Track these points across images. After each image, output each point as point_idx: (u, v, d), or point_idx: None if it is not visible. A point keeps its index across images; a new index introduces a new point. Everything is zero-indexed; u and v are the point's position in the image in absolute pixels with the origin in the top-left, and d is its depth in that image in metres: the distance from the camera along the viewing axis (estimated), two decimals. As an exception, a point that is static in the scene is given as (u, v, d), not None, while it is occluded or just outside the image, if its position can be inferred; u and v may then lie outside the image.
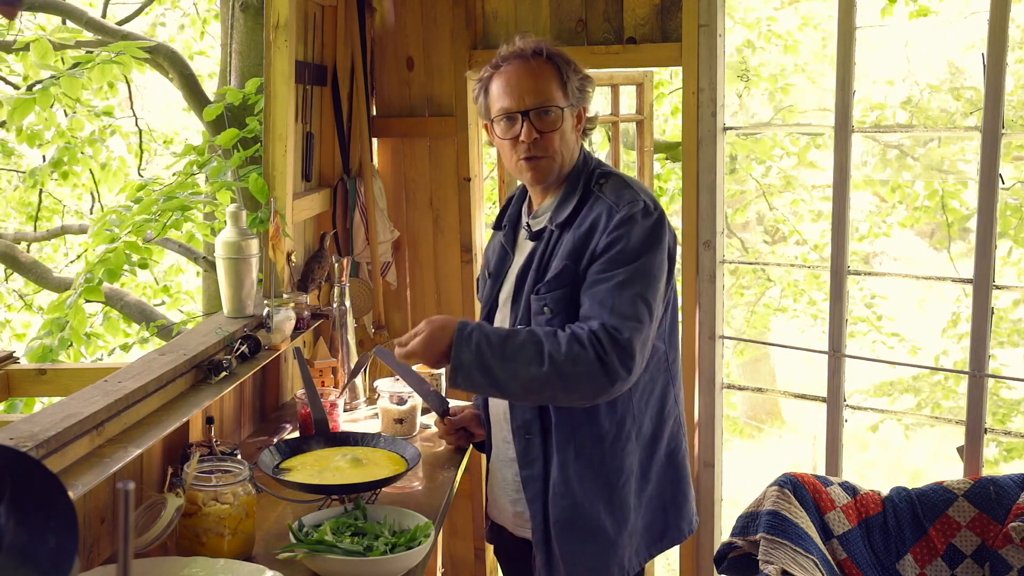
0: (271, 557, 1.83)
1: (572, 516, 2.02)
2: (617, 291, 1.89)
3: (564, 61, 2.03)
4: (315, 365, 2.73)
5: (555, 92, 2.00)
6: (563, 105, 2.01)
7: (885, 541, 2.57)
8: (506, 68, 2.02)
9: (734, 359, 7.58)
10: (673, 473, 2.13)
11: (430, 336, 1.91)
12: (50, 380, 2.70)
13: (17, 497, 1.11)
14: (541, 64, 2.01)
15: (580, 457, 2.01)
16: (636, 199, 1.97)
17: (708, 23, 2.90)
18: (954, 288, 6.87)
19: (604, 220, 1.95)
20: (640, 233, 1.93)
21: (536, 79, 2.00)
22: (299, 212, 2.90)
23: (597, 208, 1.98)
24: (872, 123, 6.48)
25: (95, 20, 5.23)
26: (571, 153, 2.05)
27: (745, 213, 7.43)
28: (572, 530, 2.02)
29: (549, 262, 2.01)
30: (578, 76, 2.05)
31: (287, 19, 2.69)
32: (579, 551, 2.02)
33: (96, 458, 1.72)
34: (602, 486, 2.02)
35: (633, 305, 1.88)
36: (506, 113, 2.00)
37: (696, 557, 3.16)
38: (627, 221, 1.93)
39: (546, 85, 1.99)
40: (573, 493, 2.01)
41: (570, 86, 2.02)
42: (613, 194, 1.99)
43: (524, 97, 1.98)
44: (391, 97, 3.27)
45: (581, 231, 1.97)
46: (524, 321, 2.02)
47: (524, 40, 2.04)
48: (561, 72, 2.02)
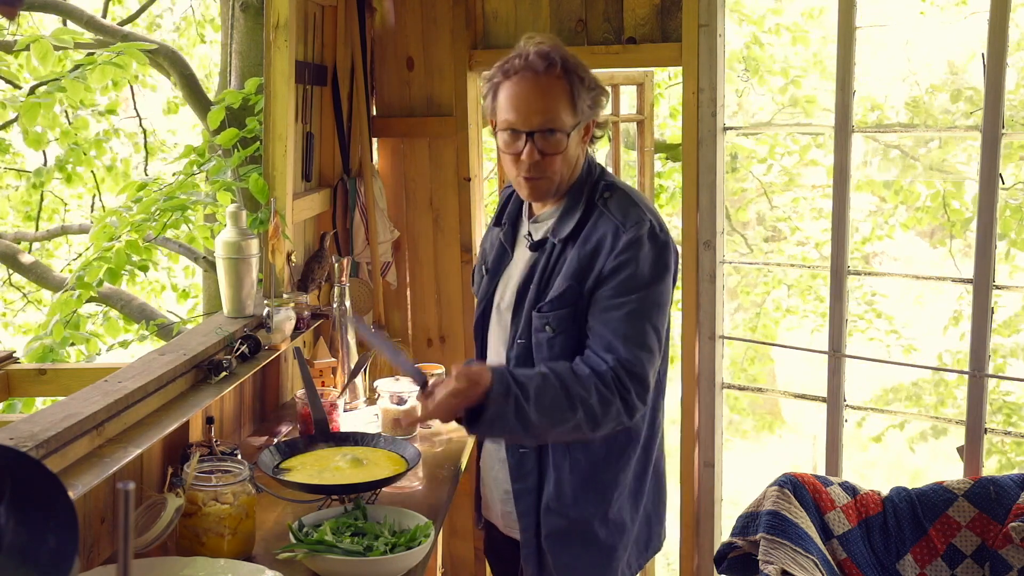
0: (271, 557, 1.83)
1: (566, 530, 2.01)
2: (630, 321, 1.87)
3: (578, 76, 1.93)
4: (315, 365, 2.73)
5: (563, 113, 1.92)
6: (570, 126, 1.92)
7: (885, 541, 2.57)
8: (517, 79, 1.92)
9: (741, 365, 7.57)
10: (656, 485, 2.14)
11: (457, 391, 1.78)
12: (50, 380, 2.70)
13: (17, 497, 1.11)
14: (552, 81, 1.91)
15: (575, 472, 2.00)
16: (642, 219, 1.93)
17: (708, 23, 2.90)
18: (955, 288, 6.87)
19: (610, 241, 1.92)
20: (649, 259, 1.91)
21: (545, 98, 1.91)
22: (299, 212, 2.90)
23: (602, 226, 1.94)
24: (874, 123, 6.48)
25: (95, 20, 5.23)
26: (573, 169, 1.99)
27: (746, 212, 7.43)
28: (565, 543, 2.01)
29: (551, 278, 1.98)
30: (591, 92, 1.95)
31: (287, 19, 2.69)
32: (574, 562, 2.02)
33: (96, 458, 1.72)
34: (597, 501, 2.01)
35: (646, 335, 1.88)
36: (511, 128, 1.93)
37: (696, 557, 3.16)
38: (634, 244, 1.90)
39: (554, 105, 1.91)
40: (567, 509, 2.00)
41: (580, 103, 1.93)
42: (619, 212, 1.94)
43: (531, 117, 1.91)
44: (391, 97, 3.27)
45: (586, 250, 1.94)
46: (524, 335, 2.00)
47: (539, 46, 1.94)
48: (573, 88, 1.92)
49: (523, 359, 1.99)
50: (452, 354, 3.29)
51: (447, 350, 3.31)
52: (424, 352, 3.32)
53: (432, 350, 3.33)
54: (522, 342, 2.00)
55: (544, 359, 1.95)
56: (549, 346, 1.96)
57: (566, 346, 1.94)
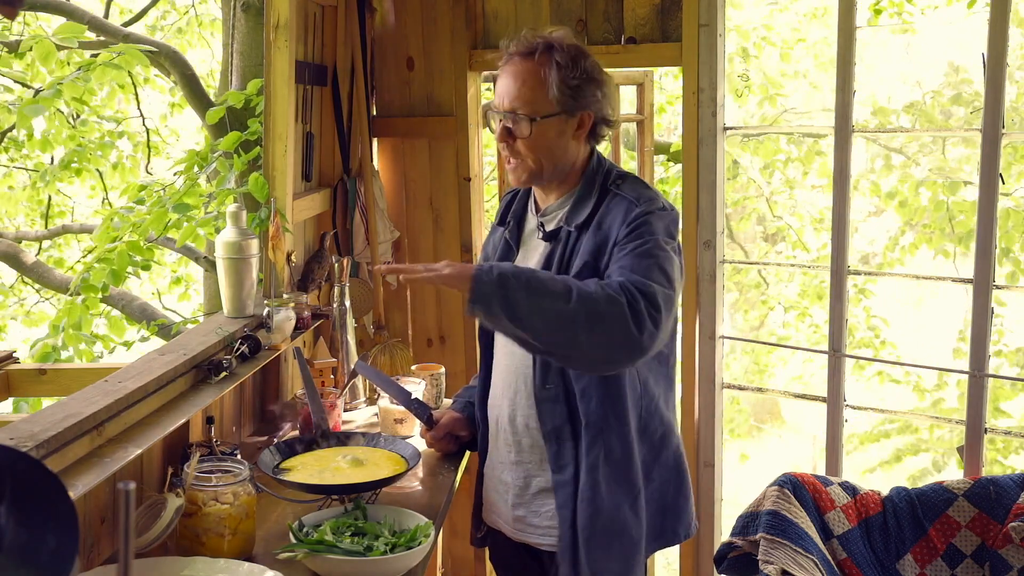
0: (271, 557, 1.83)
1: (600, 521, 2.00)
2: (638, 258, 1.88)
3: (565, 64, 1.94)
4: (315, 365, 2.73)
5: (535, 99, 1.94)
6: (540, 112, 1.94)
7: (885, 541, 2.58)
8: (503, 66, 2.01)
9: (738, 364, 7.57)
10: (676, 477, 2.13)
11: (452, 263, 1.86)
12: (50, 380, 2.70)
13: (17, 497, 1.11)
14: (528, 67, 1.95)
15: (608, 460, 1.99)
16: (655, 198, 1.98)
17: (708, 23, 2.90)
18: (959, 303, 6.85)
19: (623, 214, 1.95)
20: (660, 223, 1.94)
21: (520, 83, 1.96)
22: (299, 212, 2.90)
23: (616, 206, 1.97)
24: (876, 126, 6.48)
25: (97, 20, 5.23)
26: (557, 159, 2.00)
27: (749, 222, 7.43)
28: (600, 536, 2.00)
29: (570, 264, 1.98)
30: (576, 81, 1.95)
31: (287, 19, 2.70)
32: (606, 557, 2.01)
33: (96, 458, 1.72)
34: (627, 490, 2.02)
35: (654, 270, 1.87)
36: (488, 108, 2.02)
37: (696, 557, 3.17)
38: (647, 214, 1.94)
39: (524, 91, 1.95)
40: (601, 498, 1.99)
41: (555, 91, 1.94)
42: (633, 192, 1.98)
43: (504, 98, 1.98)
44: (391, 97, 3.27)
45: (602, 229, 1.96)
46: None
47: (533, 34, 1.99)
48: (546, 75, 1.93)
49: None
50: (452, 354, 3.30)
51: (447, 350, 3.31)
52: (424, 352, 3.32)
53: (432, 350, 3.33)
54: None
55: None
56: None
57: None
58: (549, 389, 2.00)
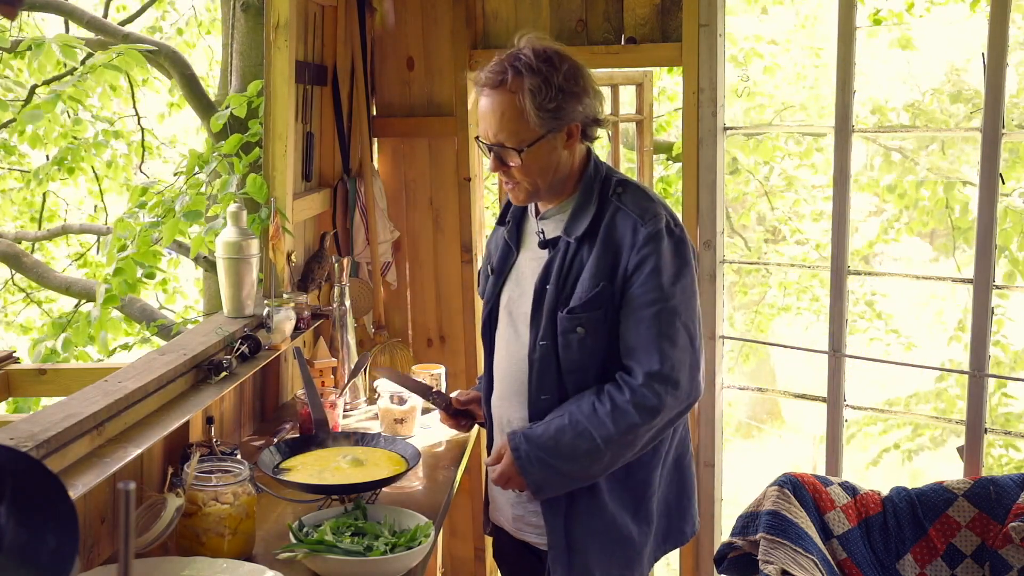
0: (271, 557, 1.83)
1: (600, 531, 2.00)
2: (658, 325, 1.91)
3: (536, 88, 1.89)
4: (315, 365, 2.73)
5: (517, 129, 1.91)
6: (525, 141, 1.91)
7: (885, 541, 2.58)
8: (481, 94, 1.97)
9: (739, 365, 7.55)
10: (679, 477, 2.13)
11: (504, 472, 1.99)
12: (50, 380, 2.70)
13: (17, 497, 1.11)
14: (503, 98, 1.91)
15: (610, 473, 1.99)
16: (659, 214, 1.95)
17: (708, 23, 2.90)
18: (958, 300, 6.85)
19: (630, 236, 1.93)
20: (670, 253, 1.93)
21: (494, 116, 1.93)
22: (299, 212, 2.90)
23: (621, 222, 1.95)
24: (875, 125, 6.48)
25: (96, 20, 5.23)
26: (552, 175, 1.98)
27: (749, 217, 7.42)
28: (599, 544, 2.01)
29: (569, 277, 1.97)
30: (556, 98, 1.90)
31: (287, 19, 2.70)
32: (603, 564, 2.01)
33: (96, 458, 1.72)
34: (629, 499, 2.02)
35: (676, 335, 1.91)
36: (479, 138, 2.00)
37: (696, 557, 3.17)
38: (654, 238, 1.92)
39: (504, 124, 1.92)
40: (603, 508, 1.99)
41: (536, 116, 1.90)
42: (636, 207, 1.96)
43: (487, 131, 1.96)
44: (391, 97, 3.27)
45: (609, 248, 1.94)
46: (548, 336, 1.97)
47: (499, 59, 1.95)
48: (523, 103, 1.89)
49: (546, 361, 1.98)
50: (452, 354, 3.30)
51: (447, 350, 3.31)
52: (424, 352, 3.32)
53: (432, 350, 3.33)
54: (545, 343, 1.97)
55: (573, 360, 1.96)
56: (580, 346, 1.95)
57: (597, 346, 1.95)
58: (545, 400, 1.99)
